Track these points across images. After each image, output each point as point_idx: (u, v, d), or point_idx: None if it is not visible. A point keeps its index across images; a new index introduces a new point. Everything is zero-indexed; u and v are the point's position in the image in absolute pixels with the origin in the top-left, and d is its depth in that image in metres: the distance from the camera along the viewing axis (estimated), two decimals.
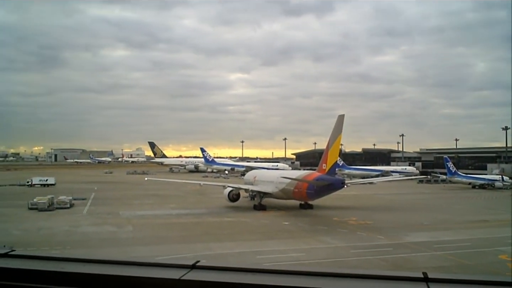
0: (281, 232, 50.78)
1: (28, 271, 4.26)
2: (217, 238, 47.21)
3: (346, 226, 54.30)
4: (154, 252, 39.24)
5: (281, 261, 36.15)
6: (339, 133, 62.17)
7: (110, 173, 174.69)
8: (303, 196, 65.86)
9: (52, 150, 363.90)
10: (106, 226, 53.70)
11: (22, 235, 47.90)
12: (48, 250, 39.09)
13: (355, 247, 42.78)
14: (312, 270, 4.05)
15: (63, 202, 68.87)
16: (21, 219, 57.62)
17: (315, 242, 45.38)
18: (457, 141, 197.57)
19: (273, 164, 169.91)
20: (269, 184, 71.24)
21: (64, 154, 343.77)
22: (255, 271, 4.14)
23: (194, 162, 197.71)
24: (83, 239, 46.28)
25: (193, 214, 63.91)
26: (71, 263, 4.46)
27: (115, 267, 4.34)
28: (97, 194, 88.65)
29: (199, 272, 4.15)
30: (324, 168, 63.07)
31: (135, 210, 67.06)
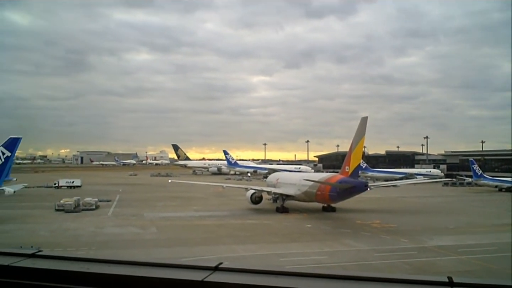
0: (303, 235, 50.64)
1: (55, 271, 4.36)
2: (240, 240, 47.35)
3: (369, 229, 53.81)
4: (177, 253, 39.59)
5: (304, 263, 36.14)
6: (362, 135, 61.65)
7: (135, 175, 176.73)
8: (325, 199, 65.50)
9: (78, 153, 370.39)
10: (130, 228, 54.39)
11: (49, 236, 48.86)
12: (74, 251, 39.67)
13: (379, 250, 42.38)
14: (335, 273, 4.03)
15: (88, 204, 70.02)
16: (48, 220, 58.76)
17: (338, 245, 45.12)
18: (483, 143, 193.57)
19: (295, 167, 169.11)
20: (292, 187, 71.08)
21: (90, 156, 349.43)
22: (278, 273, 4.13)
23: (217, 165, 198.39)
24: (108, 240, 46.92)
25: (216, 216, 64.21)
26: (96, 264, 4.52)
27: (139, 268, 4.37)
28: (122, 196, 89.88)
29: (222, 274, 4.16)
30: (347, 170, 62.60)
31: (159, 212, 67.68)
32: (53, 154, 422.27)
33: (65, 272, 4.33)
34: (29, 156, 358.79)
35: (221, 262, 4.33)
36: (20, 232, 49.84)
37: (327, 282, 3.99)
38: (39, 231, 51.34)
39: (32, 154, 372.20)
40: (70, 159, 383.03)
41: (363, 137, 61.63)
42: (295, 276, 4.10)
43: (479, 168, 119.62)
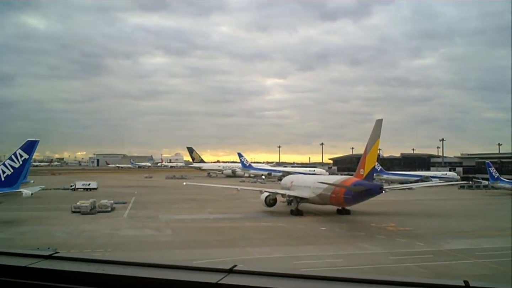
0: (318, 238, 50.47)
1: (71, 273, 4.39)
2: (254, 242, 47.36)
3: (384, 232, 53.45)
4: (192, 256, 39.70)
5: (318, 266, 35.98)
6: (377, 138, 61.27)
7: (150, 178, 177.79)
8: (340, 202, 65.20)
9: (95, 155, 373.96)
10: (145, 230, 54.73)
11: (66, 237, 49.43)
12: (90, 252, 40.09)
13: (394, 253, 42.06)
14: (350, 277, 3.98)
15: (104, 206, 70.67)
16: (65, 222, 59.41)
17: (352, 248, 44.86)
18: (500, 146, 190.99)
19: (310, 169, 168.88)
20: (306, 189, 70.87)
21: (106, 159, 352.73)
22: (293, 276, 4.12)
23: (231, 167, 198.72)
24: (123, 242, 47.26)
25: (230, 219, 64.28)
26: (112, 266, 4.55)
27: (154, 270, 4.38)
28: (137, 198, 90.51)
29: (236, 277, 4.15)
30: (362, 173, 62.27)
31: (174, 214, 67.98)
32: (70, 157, 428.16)
33: (81, 273, 4.35)
34: (46, 158, 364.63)
35: (235, 265, 4.31)
36: (37, 234, 50.48)
37: (342, 285, 3.95)
38: (55, 232, 51.97)
39: (49, 156, 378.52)
40: (87, 162, 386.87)
41: (378, 140, 61.28)
42: (310, 279, 4.07)
43: (495, 171, 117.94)
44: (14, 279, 4.36)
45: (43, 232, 51.89)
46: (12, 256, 4.91)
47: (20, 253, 4.96)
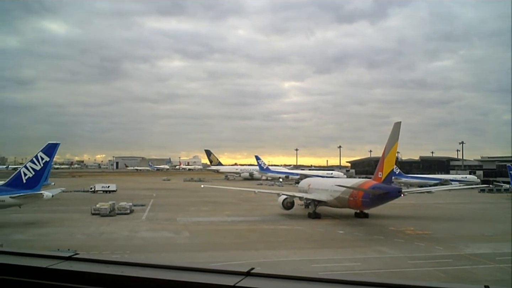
0: (336, 241, 50.20)
1: (90, 274, 4.45)
2: (272, 245, 47.27)
3: (403, 236, 52.89)
4: (209, 258, 39.82)
5: (336, 270, 35.83)
6: (396, 141, 60.81)
7: (168, 180, 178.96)
8: (358, 205, 64.80)
9: (114, 158, 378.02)
10: (163, 232, 55.10)
11: (85, 239, 50.08)
12: (109, 254, 40.57)
13: (413, 257, 41.60)
14: (368, 280, 3.94)
15: (123, 208, 71.37)
16: (85, 224, 60.15)
17: (371, 251, 44.53)
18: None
19: (327, 172, 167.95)
20: (324, 192, 70.61)
21: (125, 161, 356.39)
22: (310, 279, 4.09)
23: (249, 170, 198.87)
24: (141, 244, 47.72)
25: (248, 221, 64.35)
26: (131, 267, 4.56)
27: (172, 272, 4.38)
28: (156, 201, 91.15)
29: (253, 279, 4.14)
30: (380, 176, 61.82)
31: (192, 217, 68.33)
32: (90, 159, 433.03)
33: (100, 275, 4.40)
34: (66, 161, 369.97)
35: (253, 268, 4.30)
36: (58, 235, 51.23)
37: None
38: (75, 234, 52.64)
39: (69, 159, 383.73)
40: (106, 164, 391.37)
41: (397, 143, 60.81)
42: (328, 283, 4.04)
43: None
44: (35, 279, 4.46)
45: (64, 233, 52.63)
46: (34, 257, 5.00)
47: (41, 254, 5.05)
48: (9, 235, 51.56)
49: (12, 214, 62.61)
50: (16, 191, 59.00)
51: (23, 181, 59.85)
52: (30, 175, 60.02)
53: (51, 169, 68.46)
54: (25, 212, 64.23)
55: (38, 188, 60.81)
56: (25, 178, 59.90)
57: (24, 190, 59.29)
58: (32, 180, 59.96)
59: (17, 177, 60.83)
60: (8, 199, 58.38)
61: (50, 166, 64.16)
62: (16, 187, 59.54)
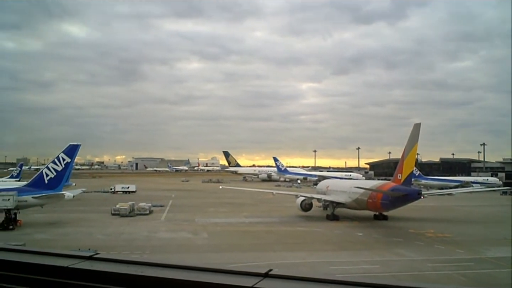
0: (354, 243, 49.88)
1: (110, 274, 4.49)
2: (289, 247, 47.27)
3: (422, 239, 52.32)
4: (227, 259, 39.90)
5: (354, 272, 35.68)
6: (415, 142, 60.22)
7: (187, 181, 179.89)
8: (377, 207, 64.30)
9: (133, 159, 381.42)
10: (182, 233, 55.42)
11: (105, 239, 50.67)
12: (129, 254, 40.98)
13: (433, 260, 41.16)
14: (387, 283, 3.90)
15: (143, 209, 72.01)
16: (105, 224, 60.85)
17: (389, 254, 44.14)
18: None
19: (346, 174, 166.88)
20: (342, 194, 70.23)
21: (144, 162, 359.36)
22: (329, 281, 4.04)
23: (267, 171, 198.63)
24: (161, 244, 48.07)
25: (266, 223, 64.28)
26: (150, 267, 4.58)
27: (191, 273, 4.40)
28: (175, 202, 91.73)
29: (271, 281, 4.12)
30: (400, 178, 61.27)
31: (210, 218, 68.56)
32: (110, 160, 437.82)
33: (120, 274, 4.45)
34: (87, 162, 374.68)
35: (271, 269, 4.29)
36: (79, 235, 51.92)
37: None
38: (96, 234, 53.29)
39: (90, 160, 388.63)
40: (126, 165, 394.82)
41: (416, 144, 60.24)
42: (346, 285, 3.99)
43: None
44: (57, 278, 4.55)
45: (84, 233, 53.32)
46: (55, 256, 5.10)
47: (62, 254, 5.14)
48: (32, 234, 52.48)
49: (34, 214, 63.68)
50: (38, 191, 60.05)
51: (45, 181, 60.88)
52: (52, 175, 61.02)
53: (72, 170, 69.54)
54: (47, 212, 65.26)
55: (60, 189, 61.80)
56: (47, 179, 60.92)
57: (46, 191, 60.30)
58: (54, 180, 60.96)
59: (39, 177, 61.93)
60: (30, 199, 59.45)
61: (71, 167, 65.18)
62: (38, 187, 60.61)
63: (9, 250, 5.47)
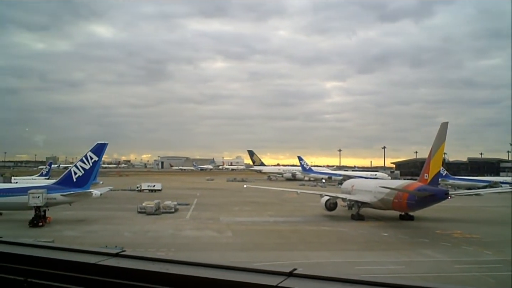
0: (379, 244, 49.43)
1: (137, 271, 4.58)
2: (314, 246, 47.11)
3: (449, 240, 51.45)
4: (252, 258, 40.03)
5: (380, 273, 35.24)
6: (443, 142, 59.30)
7: (212, 180, 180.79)
8: (403, 207, 63.52)
9: (159, 158, 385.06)
10: (207, 231, 55.79)
11: (132, 236, 51.39)
12: (154, 251, 41.42)
13: (460, 262, 40.46)
14: (413, 284, 3.88)
15: (168, 207, 72.75)
16: (131, 222, 61.72)
17: (415, 255, 43.57)
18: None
19: (371, 173, 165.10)
20: (368, 194, 69.60)
21: (169, 161, 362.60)
22: (354, 282, 4.02)
23: (291, 170, 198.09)
24: (186, 242, 48.40)
25: (290, 222, 64.21)
26: (175, 265, 4.67)
27: (216, 271, 4.45)
28: (199, 200, 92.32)
29: (296, 280, 4.14)
30: (426, 178, 60.41)
31: (234, 216, 68.83)
32: (136, 159, 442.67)
33: (146, 272, 4.53)
34: (114, 160, 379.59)
35: (295, 268, 4.30)
36: (106, 233, 52.85)
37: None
38: (122, 232, 54.06)
39: (117, 158, 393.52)
40: (152, 164, 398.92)
41: (443, 143, 59.33)
42: (371, 285, 3.98)
43: None
44: (85, 275, 4.69)
45: (111, 231, 54.22)
46: (83, 253, 5.25)
47: (90, 251, 5.28)
48: (60, 231, 53.61)
49: (63, 211, 64.98)
50: (66, 189, 61.32)
51: (73, 179, 62.13)
52: (80, 174, 62.23)
53: (99, 168, 70.76)
54: (75, 210, 66.48)
55: (88, 187, 62.98)
56: (75, 177, 62.15)
57: (74, 189, 61.53)
58: (82, 179, 62.15)
59: (67, 176, 63.23)
60: (59, 197, 60.75)
61: (98, 165, 66.38)
62: (67, 185, 61.89)
63: (39, 247, 5.65)
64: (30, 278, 4.82)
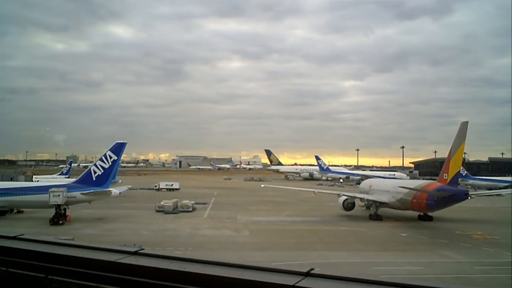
0: (398, 244, 49.02)
1: (155, 269, 4.65)
2: (331, 246, 46.94)
3: (469, 240, 50.76)
4: (269, 257, 40.01)
5: (398, 274, 34.99)
6: (462, 141, 58.49)
7: (229, 180, 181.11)
8: (422, 207, 62.87)
9: (177, 157, 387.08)
10: (224, 230, 55.99)
11: (150, 235, 51.87)
12: (173, 250, 41.71)
13: (480, 263, 39.86)
14: (432, 286, 3.88)
15: (186, 206, 73.17)
16: (150, 221, 62.25)
17: (434, 256, 43.09)
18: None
19: (390, 173, 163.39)
20: (386, 194, 69.06)
21: (187, 160, 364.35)
22: (371, 282, 4.02)
23: (308, 170, 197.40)
24: (203, 241, 48.63)
25: (307, 222, 64.07)
26: (193, 264, 4.74)
27: (233, 270, 4.49)
28: (217, 199, 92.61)
29: (313, 280, 4.15)
30: (446, 178, 59.68)
31: (252, 216, 68.93)
32: (154, 158, 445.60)
33: (164, 270, 4.60)
34: (133, 160, 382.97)
35: (312, 268, 4.32)
36: (124, 231, 53.42)
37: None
38: (141, 230, 54.63)
39: (135, 158, 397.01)
40: (170, 163, 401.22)
41: (463, 143, 58.51)
42: (390, 286, 3.96)
43: None
44: (104, 272, 4.78)
45: (130, 229, 54.79)
46: (102, 251, 5.35)
47: (109, 249, 5.39)
48: (80, 229, 54.35)
49: (82, 210, 65.84)
50: (86, 188, 62.17)
51: (93, 178, 62.95)
52: (99, 173, 63.01)
53: (118, 167, 71.49)
54: (94, 208, 67.29)
55: (107, 186, 63.74)
56: (95, 176, 62.96)
57: (94, 187, 62.34)
58: (101, 177, 62.93)
59: (87, 175, 64.09)
60: (79, 196, 61.60)
61: (118, 165, 67.08)
62: (87, 184, 62.74)
63: (59, 244, 5.77)
64: (50, 275, 4.92)
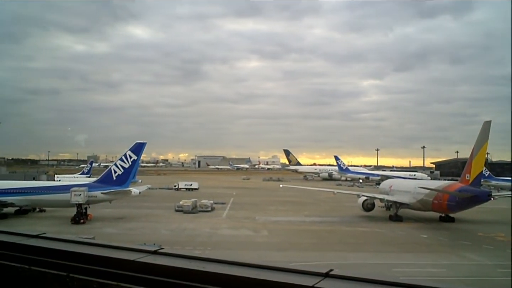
0: (418, 245, 48.42)
1: (174, 268, 4.65)
2: (351, 247, 46.62)
3: (492, 243, 49.81)
4: (287, 257, 39.91)
5: (419, 275, 34.47)
6: (485, 141, 57.48)
7: (248, 179, 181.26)
8: (443, 208, 62.00)
9: (196, 157, 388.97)
10: (243, 230, 56.07)
11: (169, 234, 52.21)
12: (191, 249, 41.89)
13: (504, 266, 38.97)
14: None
15: (205, 206, 73.42)
16: (169, 220, 62.69)
17: (456, 258, 42.46)
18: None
19: (410, 174, 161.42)
20: (406, 194, 68.27)
21: (206, 160, 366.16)
22: (391, 284, 3.97)
23: (328, 170, 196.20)
24: (222, 241, 48.81)
25: (326, 222, 63.70)
26: (212, 264, 4.70)
27: (251, 270, 4.46)
28: (236, 199, 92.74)
29: (332, 281, 4.12)
30: (468, 178, 58.73)
31: (270, 216, 68.86)
32: (174, 158, 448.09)
33: (183, 269, 4.59)
34: (152, 159, 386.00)
35: (331, 269, 4.28)
36: (144, 230, 53.93)
37: None
38: (160, 229, 55.03)
39: (155, 157, 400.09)
40: (189, 163, 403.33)
41: (486, 143, 57.48)
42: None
43: None
44: (123, 271, 4.79)
45: (149, 228, 55.27)
46: (122, 250, 5.36)
47: (129, 248, 5.40)
48: (101, 228, 55.05)
49: (103, 209, 66.61)
50: (107, 187, 62.91)
51: (113, 178, 63.68)
52: (120, 172, 63.70)
53: (138, 167, 72.18)
54: (115, 207, 68.02)
55: (127, 185, 64.42)
56: (115, 176, 63.68)
57: (114, 187, 63.05)
58: (121, 177, 63.61)
59: (107, 174, 64.86)
60: (100, 195, 62.37)
61: (137, 164, 67.75)
62: (107, 183, 63.50)
63: (80, 243, 5.81)
64: (72, 273, 4.94)
